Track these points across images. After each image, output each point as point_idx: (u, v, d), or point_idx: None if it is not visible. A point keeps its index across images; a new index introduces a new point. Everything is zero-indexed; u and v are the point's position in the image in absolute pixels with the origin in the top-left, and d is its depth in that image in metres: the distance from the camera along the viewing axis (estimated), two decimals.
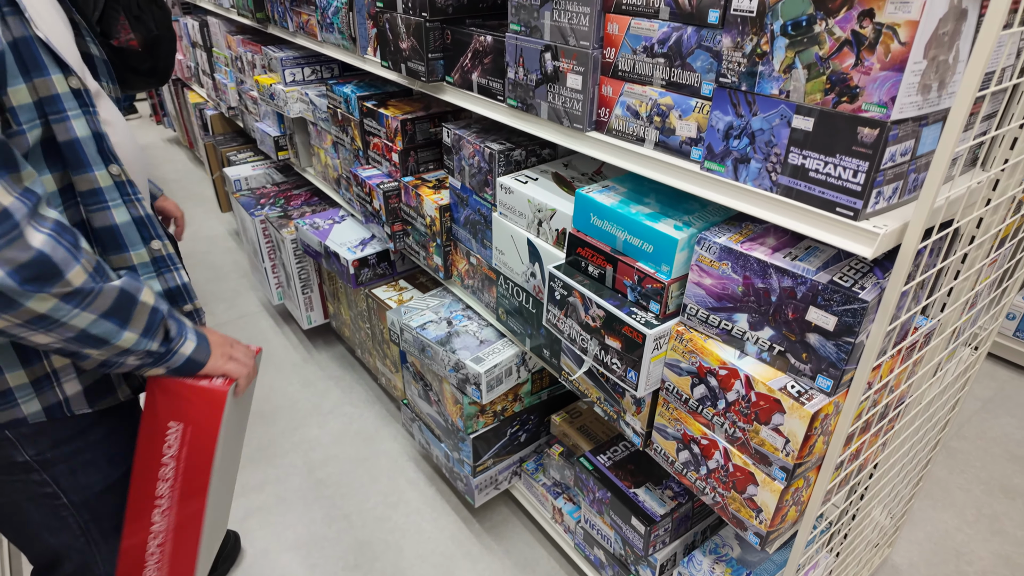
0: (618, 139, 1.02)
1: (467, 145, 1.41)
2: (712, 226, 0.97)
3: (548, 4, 1.02)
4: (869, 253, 0.71)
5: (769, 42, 0.74)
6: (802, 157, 0.76)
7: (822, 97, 0.71)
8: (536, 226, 1.26)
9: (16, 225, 0.67)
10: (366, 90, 1.84)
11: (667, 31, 0.88)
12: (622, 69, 0.97)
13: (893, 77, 0.65)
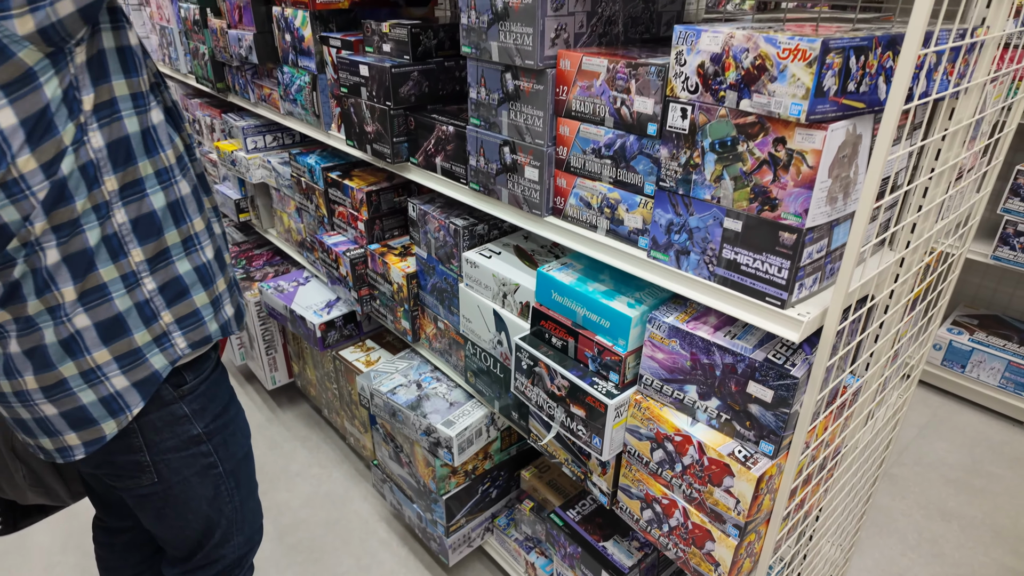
0: (573, 225, 1.12)
1: (432, 220, 1.49)
2: (662, 303, 1.07)
3: (505, 104, 1.12)
4: (796, 338, 0.82)
5: (701, 156, 0.85)
6: (734, 253, 0.86)
7: (748, 204, 0.82)
8: (501, 298, 1.34)
9: None
10: (330, 160, 1.91)
11: (612, 137, 0.99)
12: (574, 165, 1.08)
13: (805, 193, 0.76)
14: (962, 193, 1.17)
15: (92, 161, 0.79)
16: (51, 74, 0.72)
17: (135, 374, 0.90)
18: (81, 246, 0.81)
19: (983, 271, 2.77)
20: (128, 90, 0.82)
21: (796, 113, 0.71)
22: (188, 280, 0.93)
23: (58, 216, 0.78)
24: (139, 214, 0.86)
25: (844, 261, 0.78)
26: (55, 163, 0.76)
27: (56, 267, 0.80)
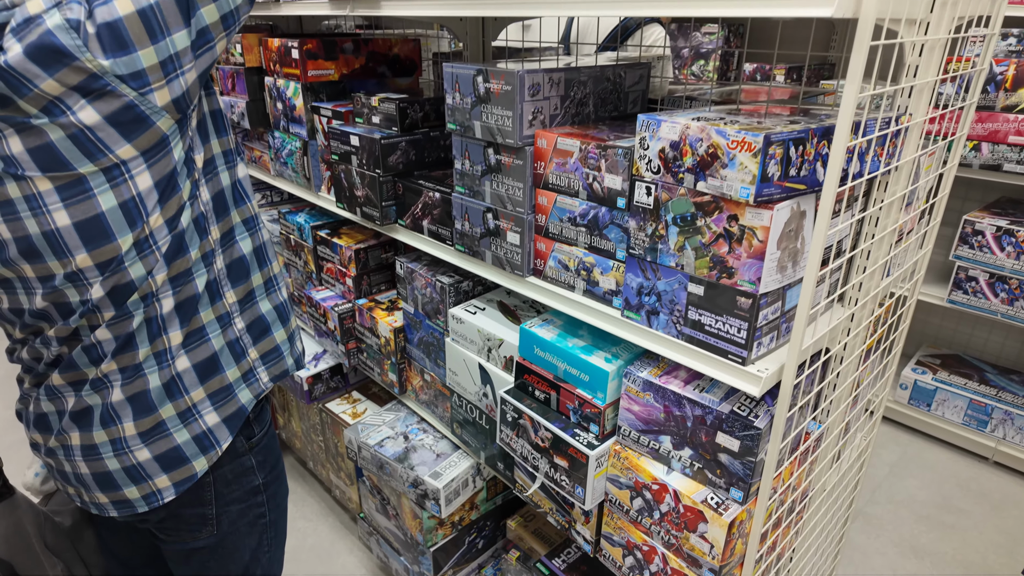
0: (553, 285, 1.20)
1: (419, 277, 1.57)
2: (636, 358, 1.15)
3: (488, 176, 1.22)
4: (756, 392, 0.90)
5: (665, 228, 0.95)
6: (698, 314, 0.95)
7: (708, 272, 0.91)
8: (486, 352, 1.41)
9: None
10: (319, 219, 1.98)
11: (586, 208, 1.09)
12: (552, 232, 1.17)
13: (757, 263, 0.85)
14: (906, 251, 1.28)
15: (203, 213, 0.87)
16: (178, 138, 0.80)
17: (225, 409, 0.96)
18: (191, 292, 0.88)
19: (942, 313, 2.91)
20: (222, 148, 0.91)
21: (745, 196, 0.81)
22: (269, 318, 1.02)
23: (176, 267, 0.85)
24: (232, 259, 0.94)
25: (796, 322, 0.87)
26: (176, 217, 0.83)
27: (169, 315, 0.87)
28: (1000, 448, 2.43)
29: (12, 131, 0.70)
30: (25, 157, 0.71)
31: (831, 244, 0.96)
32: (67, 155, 0.72)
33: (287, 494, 1.20)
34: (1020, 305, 2.27)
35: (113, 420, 0.89)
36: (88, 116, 0.71)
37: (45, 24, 0.68)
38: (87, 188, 0.74)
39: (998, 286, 2.31)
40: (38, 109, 0.70)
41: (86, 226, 0.75)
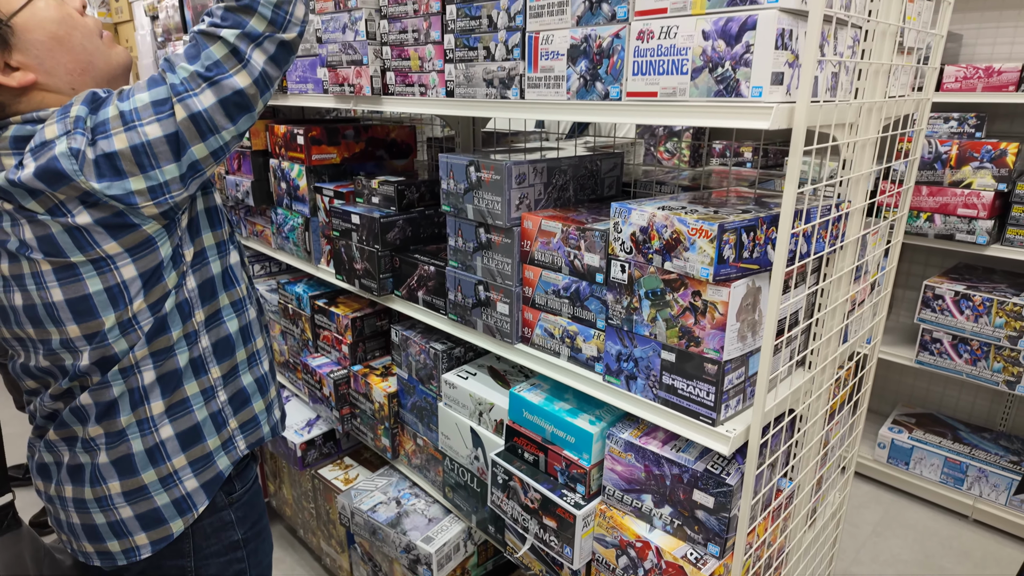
0: (540, 351, 1.30)
1: (413, 344, 1.66)
2: (618, 419, 1.24)
3: (479, 252, 1.34)
4: (726, 451, 0.99)
5: (638, 301, 1.06)
6: (672, 379, 1.05)
7: (678, 341, 1.02)
8: (478, 416, 1.48)
9: None
10: (317, 289, 2.08)
11: (568, 282, 1.20)
12: (538, 303, 1.27)
13: (720, 334, 0.96)
14: (861, 318, 1.40)
15: (187, 299, 0.96)
16: (165, 239, 0.91)
17: (204, 475, 1.03)
18: (173, 367, 0.97)
19: (915, 373, 3.03)
20: (215, 240, 1.01)
21: (705, 275, 0.93)
22: (250, 390, 1.09)
23: (157, 344, 0.94)
24: (218, 338, 1.02)
25: (758, 386, 0.97)
26: (160, 303, 0.92)
27: (151, 386, 0.95)
28: (978, 506, 2.49)
29: (25, 222, 0.84)
30: (34, 243, 0.85)
31: (785, 316, 1.07)
32: (63, 246, 0.85)
33: (270, 552, 1.24)
34: (983, 365, 2.39)
35: (100, 480, 0.98)
36: (83, 218, 0.84)
37: (54, 150, 0.81)
38: (78, 273, 0.86)
39: (961, 347, 2.44)
40: (45, 209, 0.84)
41: (76, 303, 0.87)
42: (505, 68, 1.17)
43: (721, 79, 0.86)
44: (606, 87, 1.01)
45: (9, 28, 0.86)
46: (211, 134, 0.88)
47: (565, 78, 1.07)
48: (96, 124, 0.84)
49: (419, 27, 1.32)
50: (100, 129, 0.83)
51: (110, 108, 0.85)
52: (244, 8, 0.87)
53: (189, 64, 0.86)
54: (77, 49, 0.92)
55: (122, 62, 1.01)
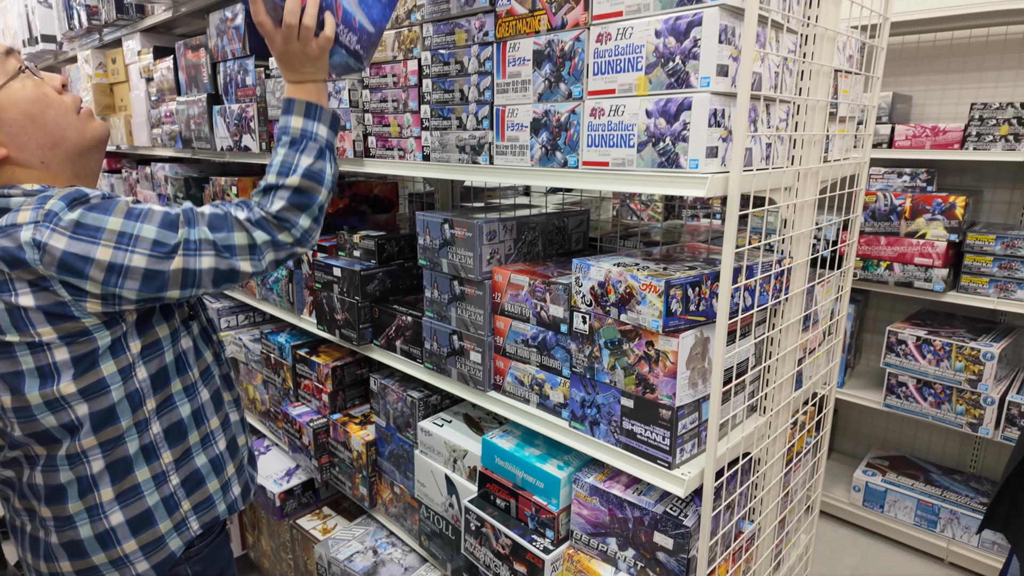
0: (510, 399, 1.36)
1: (391, 392, 1.71)
2: (586, 464, 1.29)
3: (453, 303, 1.41)
4: (682, 493, 1.04)
5: (599, 350, 1.13)
6: (631, 424, 1.11)
7: (635, 388, 1.09)
8: (452, 463, 1.53)
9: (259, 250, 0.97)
10: (299, 339, 2.13)
11: (536, 332, 1.27)
12: (509, 352, 1.34)
13: (672, 381, 1.03)
14: (817, 363, 1.48)
15: (138, 389, 0.96)
16: (104, 331, 0.91)
17: (155, 557, 1.02)
18: (123, 455, 0.96)
19: (887, 416, 3.10)
20: (168, 330, 1.00)
21: (656, 327, 1.01)
22: (204, 471, 1.08)
23: (105, 434, 0.94)
24: (170, 424, 1.02)
25: (708, 431, 1.04)
26: (95, 389, 0.91)
27: (100, 474, 0.95)
28: (952, 548, 2.53)
29: None
30: None
31: (733, 364, 1.15)
32: (2, 323, 0.86)
33: None
34: (947, 408, 2.48)
35: (53, 558, 0.99)
36: (26, 300, 0.85)
37: (20, 236, 0.83)
38: (12, 349, 0.87)
39: (925, 391, 2.52)
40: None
41: (8, 376, 0.88)
42: (476, 137, 1.27)
43: (663, 152, 0.96)
44: (565, 156, 1.11)
45: None
46: (192, 288, 0.93)
47: (529, 147, 1.17)
48: (81, 223, 0.85)
49: (398, 97, 1.43)
50: (85, 232, 0.85)
51: (111, 219, 0.87)
52: (280, 222, 0.96)
53: (210, 232, 0.92)
54: (50, 126, 0.95)
55: (96, 136, 1.02)
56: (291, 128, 1.01)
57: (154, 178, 2.70)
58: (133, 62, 2.68)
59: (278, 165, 0.99)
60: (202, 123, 2.15)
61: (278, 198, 0.97)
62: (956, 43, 2.74)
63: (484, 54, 1.22)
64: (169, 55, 2.39)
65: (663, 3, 0.93)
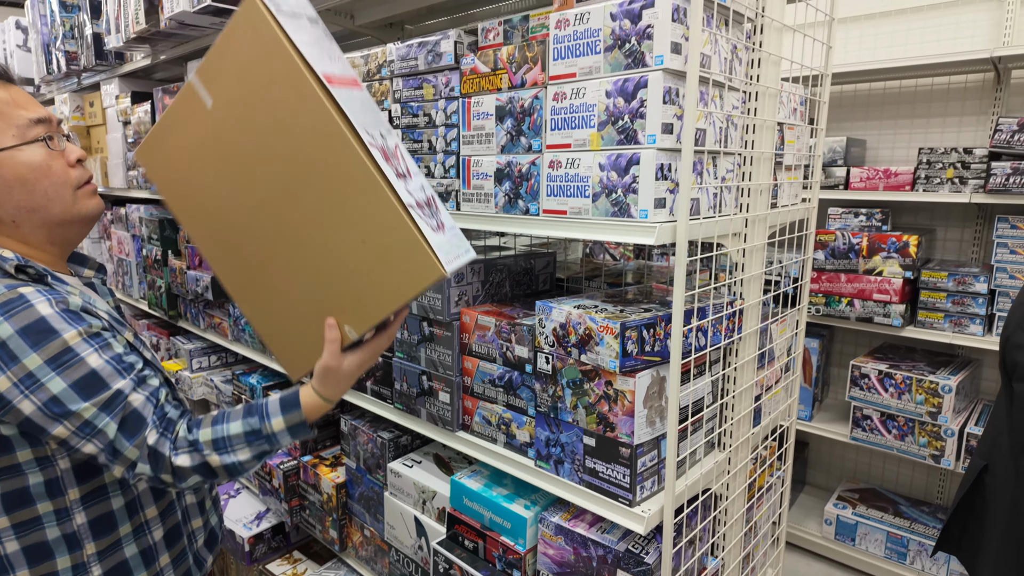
0: (478, 438, 1.38)
1: (362, 433, 1.71)
2: (552, 503, 1.31)
3: (423, 344, 1.44)
4: (642, 530, 1.07)
5: (561, 390, 1.17)
6: (593, 462, 1.14)
7: (596, 426, 1.12)
8: (421, 505, 1.53)
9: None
10: (271, 379, 2.13)
11: (502, 372, 1.30)
12: (477, 391, 1.37)
13: (630, 420, 1.07)
14: (776, 399, 1.53)
15: (58, 478, 0.91)
16: None
17: None
18: (40, 539, 0.91)
19: (857, 449, 3.16)
20: None
21: (613, 367, 1.05)
22: (133, 563, 1.00)
23: (18, 516, 0.89)
24: (99, 515, 0.95)
25: (666, 468, 1.07)
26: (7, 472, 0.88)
27: (15, 555, 0.90)
28: None
29: None
30: None
31: (688, 403, 1.19)
32: None
33: None
34: (910, 440, 2.54)
35: None
36: None
37: None
38: None
39: (889, 423, 2.59)
40: None
41: None
42: (444, 184, 1.33)
43: (615, 203, 1.02)
44: (527, 204, 1.17)
45: None
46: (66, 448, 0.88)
47: (493, 195, 1.23)
48: (3, 342, 0.82)
49: None
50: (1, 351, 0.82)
51: (32, 356, 0.83)
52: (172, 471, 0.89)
53: (114, 429, 0.86)
54: (37, 193, 0.94)
55: (85, 214, 1.00)
56: (271, 423, 0.94)
57: (128, 219, 2.71)
58: (111, 106, 2.71)
59: (222, 434, 0.92)
60: None
61: (191, 457, 0.90)
62: (904, 91, 2.91)
63: (450, 108, 1.28)
64: (147, 100, 2.43)
65: (612, 66, 1.00)
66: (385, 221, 0.84)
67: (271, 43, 0.80)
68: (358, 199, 0.84)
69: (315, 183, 0.86)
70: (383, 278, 0.88)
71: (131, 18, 2.05)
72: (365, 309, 0.91)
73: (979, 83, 2.70)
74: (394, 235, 0.85)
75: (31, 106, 0.95)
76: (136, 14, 2.00)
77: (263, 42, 0.81)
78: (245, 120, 0.86)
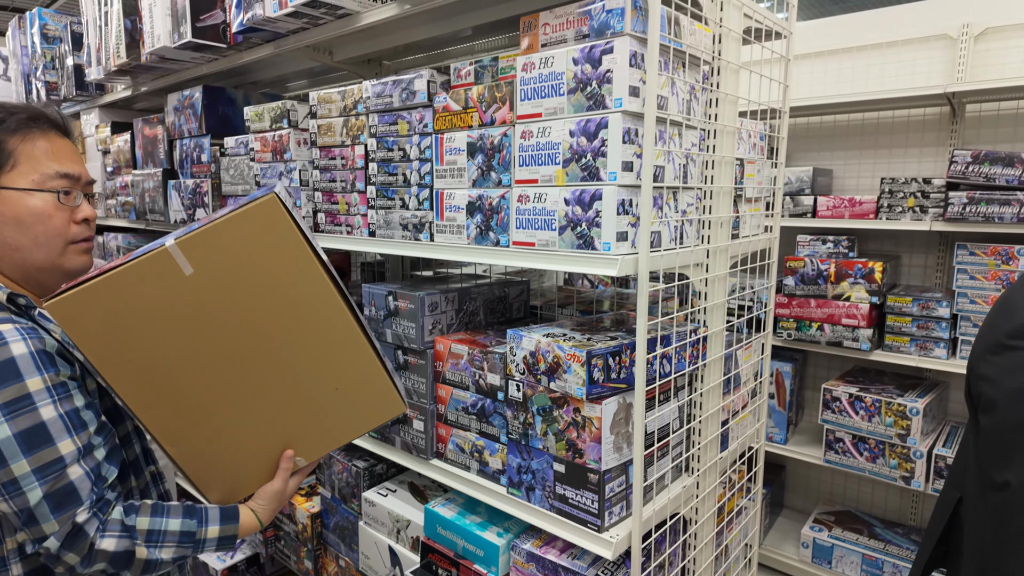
0: (452, 466, 1.39)
1: (337, 463, 1.71)
2: (524, 531, 1.32)
3: (398, 372, 1.46)
4: (610, 556, 1.09)
5: (532, 417, 1.19)
6: (563, 489, 1.16)
7: (566, 453, 1.15)
8: (395, 534, 1.53)
9: None
10: None
11: (475, 399, 1.33)
12: (450, 419, 1.39)
13: (597, 446, 1.10)
14: (744, 423, 1.57)
15: None
16: None
17: None
18: None
19: (832, 472, 3.20)
20: None
21: (580, 394, 1.08)
22: None
23: None
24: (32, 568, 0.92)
25: (633, 493, 1.10)
26: None
27: None
28: None
29: None
30: None
31: (654, 429, 1.22)
32: None
33: None
34: (881, 462, 2.59)
35: None
36: None
37: None
38: None
39: (860, 446, 2.64)
40: None
41: None
42: (417, 216, 1.37)
43: (580, 236, 1.06)
44: (497, 236, 1.21)
45: None
46: None
47: (465, 227, 1.27)
48: None
49: (346, 178, 1.52)
50: None
51: None
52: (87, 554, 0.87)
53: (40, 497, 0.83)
54: (27, 236, 0.96)
55: (69, 268, 1.01)
56: (207, 529, 0.95)
57: (106, 247, 2.70)
58: (91, 135, 2.73)
59: (159, 527, 0.92)
60: (157, 196, 2.20)
61: (119, 543, 0.89)
62: (867, 123, 3.03)
63: (424, 143, 1.32)
64: (127, 130, 2.45)
65: (575, 107, 1.05)
66: (365, 375, 0.99)
67: (286, 235, 0.89)
68: (343, 358, 0.97)
69: (298, 343, 0.95)
70: (349, 417, 1.01)
71: (112, 51, 2.08)
72: (324, 442, 1.02)
73: (936, 116, 2.83)
74: (369, 386, 0.99)
75: (65, 161, 0.99)
76: (118, 48, 2.04)
77: (277, 232, 0.89)
78: (229, 287, 0.90)
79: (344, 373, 0.98)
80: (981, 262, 2.50)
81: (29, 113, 0.97)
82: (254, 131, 1.75)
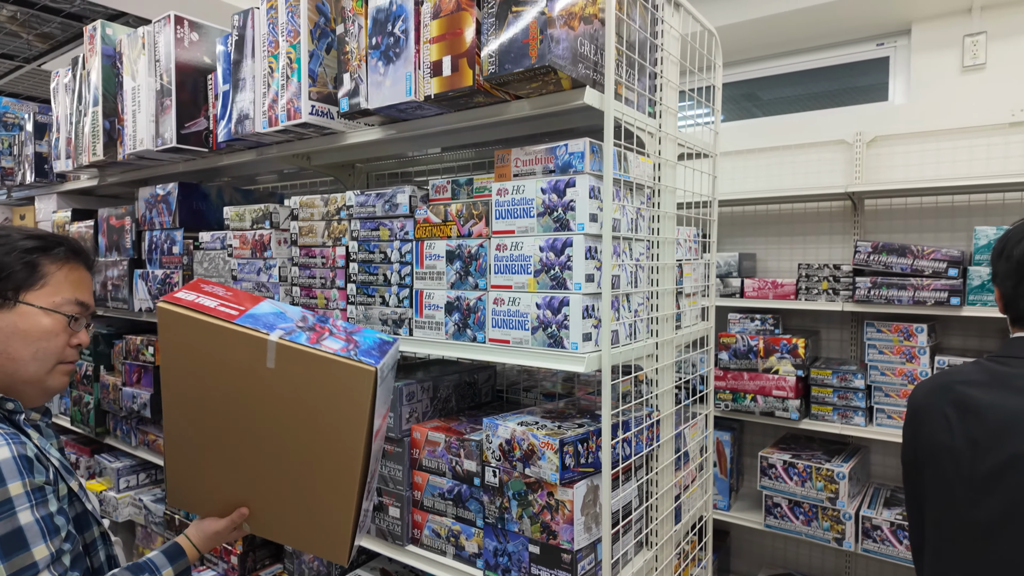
0: (428, 552, 1.46)
1: None
2: None
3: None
4: None
5: (508, 502, 1.30)
6: (538, 570, 1.26)
7: (540, 535, 1.25)
8: None
9: None
10: None
11: (452, 485, 1.42)
12: (427, 505, 1.47)
13: (570, 527, 1.21)
14: (694, 496, 1.72)
15: None
16: None
17: None
18: None
19: (773, 536, 3.37)
20: None
21: (554, 479, 1.21)
22: None
23: None
24: None
25: (603, 572, 1.21)
26: None
27: None
28: None
29: None
30: None
31: (618, 508, 1.35)
32: None
33: None
34: (816, 525, 2.78)
35: None
36: None
37: None
38: None
39: (796, 510, 2.83)
40: None
41: None
42: (397, 312, 1.49)
43: (551, 336, 1.22)
44: (474, 333, 1.35)
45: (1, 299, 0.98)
46: None
47: (444, 324, 1.40)
48: None
49: (326, 276, 1.64)
50: None
51: None
52: None
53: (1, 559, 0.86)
54: (29, 348, 1.01)
55: (50, 386, 1.06)
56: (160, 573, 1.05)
57: None
58: (46, 220, 2.73)
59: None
60: (121, 285, 2.22)
61: None
62: (783, 213, 3.43)
63: (405, 248, 1.47)
64: (89, 217, 2.48)
65: (544, 228, 1.24)
66: (336, 520, 1.12)
67: (358, 400, 1.05)
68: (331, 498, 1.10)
69: (308, 461, 1.09)
70: (302, 531, 1.15)
71: (87, 148, 2.16)
72: (272, 530, 1.18)
73: (841, 209, 3.24)
74: (333, 529, 1.12)
75: (84, 291, 1.09)
76: (93, 146, 2.12)
77: (352, 394, 1.05)
78: (288, 394, 1.07)
79: (323, 506, 1.12)
80: (887, 338, 2.83)
81: (71, 247, 1.08)
82: (233, 229, 1.85)
